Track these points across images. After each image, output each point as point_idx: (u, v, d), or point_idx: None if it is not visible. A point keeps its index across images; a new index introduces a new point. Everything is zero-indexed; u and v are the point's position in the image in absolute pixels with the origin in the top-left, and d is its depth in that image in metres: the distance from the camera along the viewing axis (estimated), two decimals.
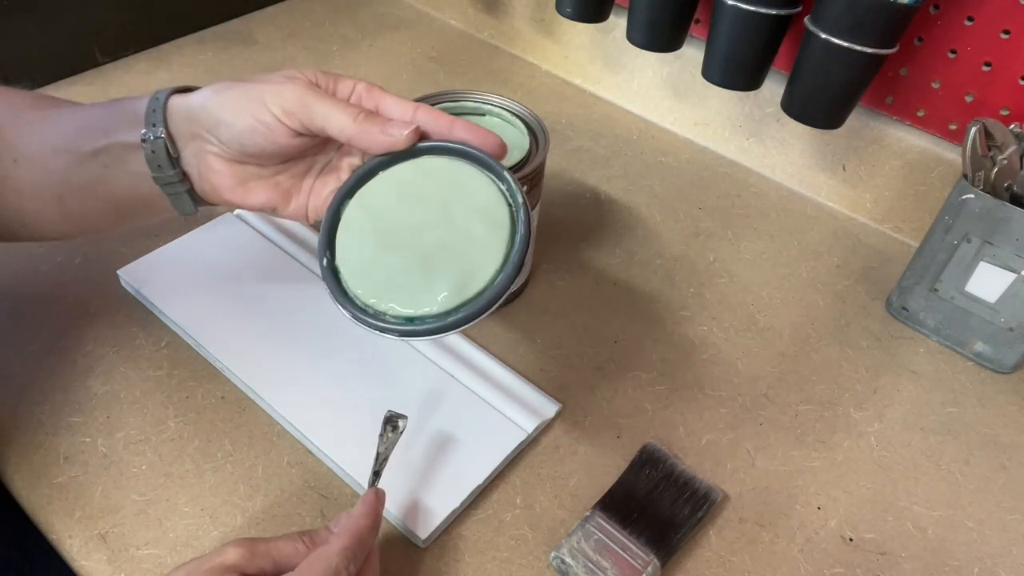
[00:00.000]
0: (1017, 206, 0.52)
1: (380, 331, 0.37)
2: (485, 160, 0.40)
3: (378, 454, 0.43)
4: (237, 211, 0.63)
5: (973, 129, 0.53)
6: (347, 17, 0.93)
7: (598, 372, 0.55)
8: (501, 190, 0.40)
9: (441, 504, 0.45)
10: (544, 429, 0.51)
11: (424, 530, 0.44)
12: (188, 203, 0.43)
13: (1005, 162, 0.53)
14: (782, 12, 0.59)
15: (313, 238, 0.61)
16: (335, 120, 0.39)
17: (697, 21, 0.72)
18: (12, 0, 0.70)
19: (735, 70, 0.65)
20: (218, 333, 0.53)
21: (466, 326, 0.37)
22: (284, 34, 0.88)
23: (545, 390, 0.53)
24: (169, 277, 0.57)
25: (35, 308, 0.55)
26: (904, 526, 0.48)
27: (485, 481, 0.47)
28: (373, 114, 0.40)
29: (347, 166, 0.44)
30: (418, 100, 0.55)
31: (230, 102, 0.40)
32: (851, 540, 0.47)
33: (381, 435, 0.43)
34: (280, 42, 0.87)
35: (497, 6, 0.88)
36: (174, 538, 0.44)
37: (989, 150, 0.53)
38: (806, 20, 0.58)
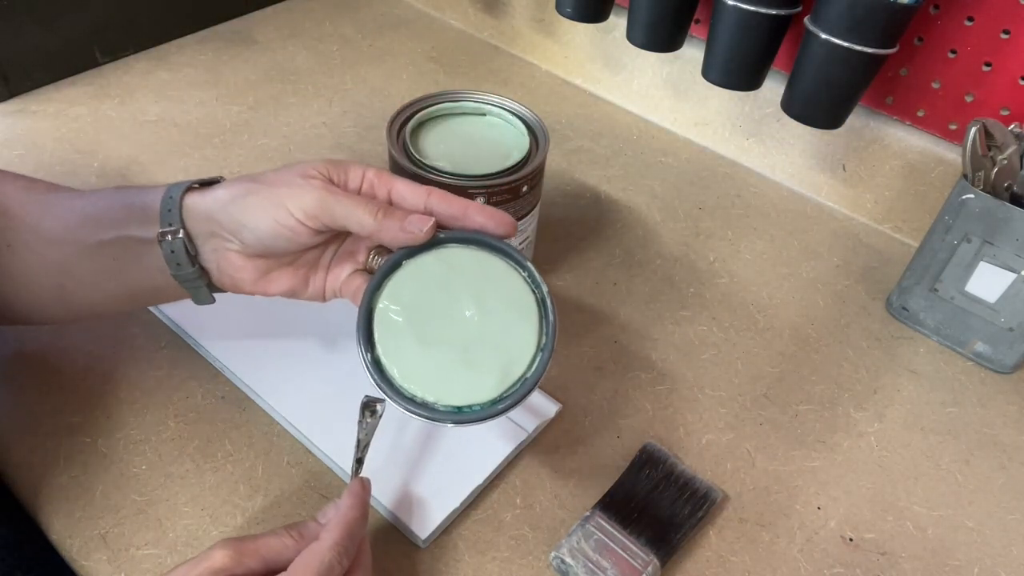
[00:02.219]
0: (1017, 206, 0.52)
1: (433, 421, 0.39)
2: (507, 250, 0.43)
3: (358, 441, 0.43)
4: None
5: (973, 129, 0.53)
6: (347, 17, 0.93)
7: (598, 372, 0.55)
8: (524, 278, 0.42)
9: (441, 504, 0.45)
10: (544, 429, 0.51)
11: (424, 530, 0.44)
12: (207, 295, 0.44)
13: (1005, 162, 0.53)
14: (782, 12, 0.59)
15: None
16: (356, 219, 0.40)
17: (697, 21, 0.72)
18: (12, 0, 0.70)
19: (735, 70, 0.65)
20: (218, 333, 0.53)
21: (512, 409, 0.39)
22: (284, 34, 0.88)
23: (545, 390, 0.53)
24: None
25: None
26: (904, 526, 0.48)
27: (485, 481, 0.47)
28: (392, 209, 0.41)
29: (364, 249, 0.45)
30: (418, 100, 0.55)
31: (252, 208, 0.41)
32: (851, 540, 0.47)
33: (360, 421, 0.43)
34: (280, 42, 0.87)
35: (497, 6, 0.88)
36: (174, 538, 0.44)
37: (989, 150, 0.53)
38: (806, 20, 0.58)
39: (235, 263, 0.42)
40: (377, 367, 0.40)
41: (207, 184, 0.43)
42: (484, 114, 0.56)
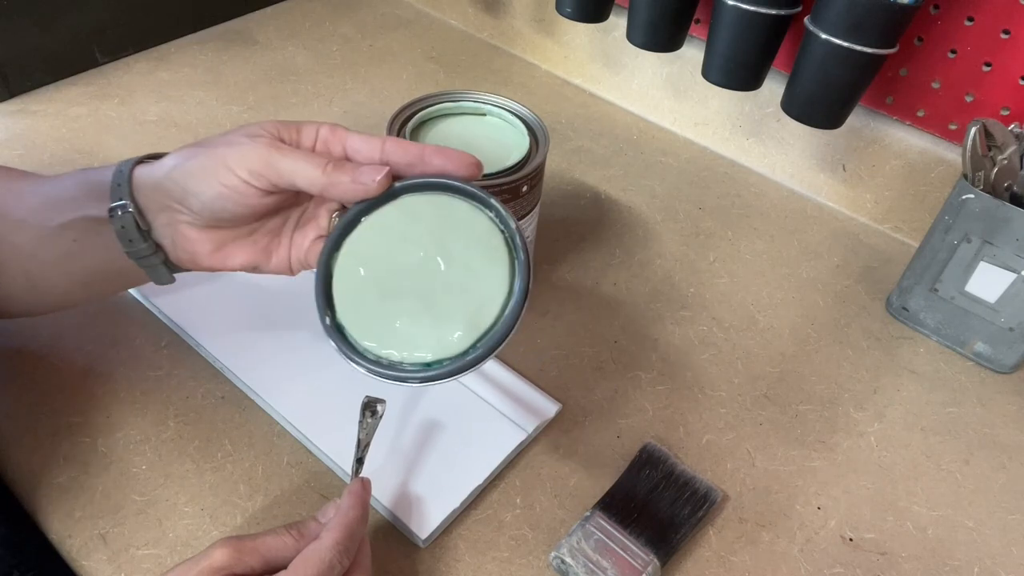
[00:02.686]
0: (1017, 206, 0.52)
1: (400, 381, 0.37)
2: (469, 191, 0.40)
3: (359, 441, 0.43)
4: None
5: (973, 129, 0.53)
6: (347, 17, 0.93)
7: (598, 372, 0.55)
8: (491, 218, 0.39)
9: (441, 504, 0.45)
10: (544, 429, 0.51)
11: (424, 530, 0.44)
12: (164, 274, 0.42)
13: (1005, 162, 0.53)
14: (782, 12, 0.59)
15: None
16: (303, 174, 0.38)
17: (697, 21, 0.72)
18: (12, 0, 0.70)
19: (735, 70, 0.65)
20: (218, 333, 0.53)
21: (485, 362, 0.37)
22: (284, 34, 0.88)
23: (545, 390, 0.53)
24: None
25: None
26: (904, 526, 0.48)
27: (485, 481, 0.47)
28: (341, 162, 0.39)
29: (325, 212, 0.43)
30: (418, 100, 0.55)
31: (195, 171, 0.39)
32: (851, 540, 0.47)
33: (360, 421, 0.43)
34: (280, 42, 0.87)
35: (497, 6, 0.88)
36: (174, 538, 0.44)
37: (989, 150, 0.53)
38: (806, 20, 0.58)
39: (189, 236, 0.40)
40: (337, 330, 0.37)
41: (158, 157, 0.41)
42: (484, 114, 0.56)
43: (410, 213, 0.39)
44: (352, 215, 0.40)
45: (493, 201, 0.39)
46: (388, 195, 0.39)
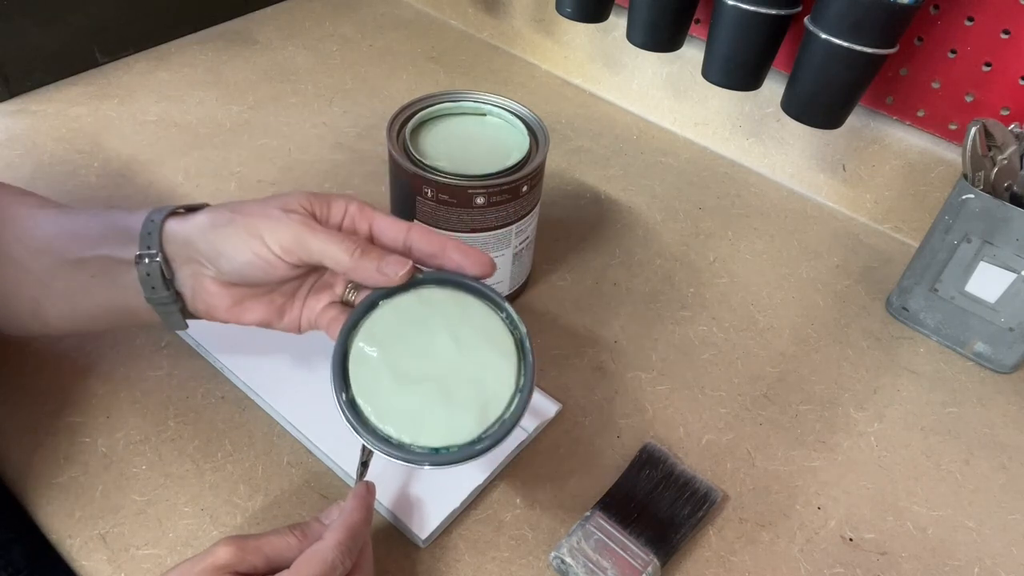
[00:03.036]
0: (1017, 206, 0.52)
1: (409, 463, 0.38)
2: (485, 292, 0.42)
3: (364, 446, 0.43)
4: None
5: (973, 129, 0.53)
6: (347, 17, 0.93)
7: (598, 372, 0.55)
8: (503, 319, 0.42)
9: (441, 504, 0.45)
10: (544, 429, 0.51)
11: (424, 530, 0.44)
12: (179, 321, 0.43)
13: (1005, 162, 0.53)
14: (782, 12, 0.59)
15: None
16: (332, 256, 0.40)
17: (697, 21, 0.72)
18: (12, 0, 0.70)
19: (735, 70, 0.65)
20: (217, 333, 0.53)
21: (490, 451, 0.39)
22: (284, 34, 0.88)
23: (545, 390, 0.53)
24: None
25: None
26: (904, 526, 0.48)
27: (485, 481, 0.47)
28: (369, 248, 0.40)
29: (341, 282, 0.44)
30: (418, 100, 0.55)
31: (230, 236, 0.40)
32: (851, 540, 0.47)
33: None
34: (280, 42, 0.87)
35: (497, 6, 0.88)
36: (174, 538, 0.44)
37: (989, 150, 0.53)
38: (806, 20, 0.58)
39: (210, 290, 0.42)
40: (352, 407, 0.39)
41: (191, 210, 0.43)
42: (484, 114, 0.56)
43: (428, 303, 0.42)
44: (372, 299, 0.41)
45: (506, 305, 0.42)
46: (409, 284, 0.41)
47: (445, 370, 0.40)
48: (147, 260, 0.40)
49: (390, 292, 0.42)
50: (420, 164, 0.51)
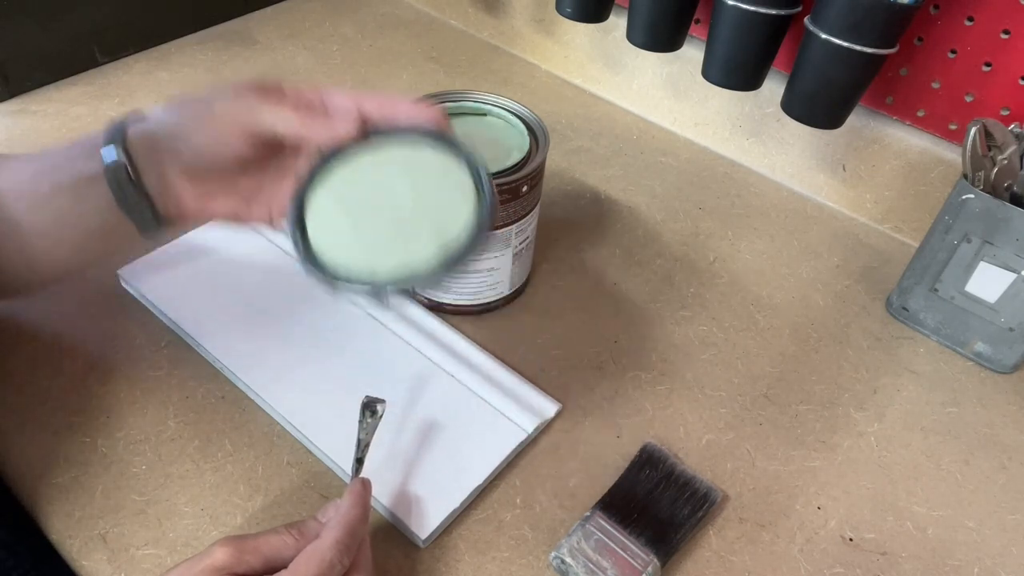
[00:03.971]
0: (1017, 206, 0.52)
1: (373, 294, 0.39)
2: (438, 135, 0.42)
3: (359, 441, 0.43)
4: None
5: (973, 129, 0.53)
6: (347, 17, 0.93)
7: (598, 372, 0.55)
8: (459, 162, 0.42)
9: (441, 504, 0.45)
10: (544, 429, 0.51)
11: (424, 530, 0.44)
12: (152, 224, 0.44)
13: (1005, 162, 0.53)
14: (782, 12, 0.59)
15: None
16: (282, 120, 0.40)
17: (697, 21, 0.72)
18: (12, 0, 0.70)
19: (735, 70, 0.65)
20: (218, 333, 0.53)
21: (448, 275, 0.39)
22: (284, 34, 0.88)
23: (545, 390, 0.53)
24: (169, 277, 0.57)
25: (35, 308, 0.55)
26: (904, 526, 0.48)
27: (485, 481, 0.47)
28: (318, 110, 0.42)
29: (305, 164, 0.44)
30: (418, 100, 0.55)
31: (185, 119, 0.42)
32: (851, 540, 0.47)
33: (360, 421, 0.43)
34: (280, 42, 0.87)
35: (497, 6, 0.88)
36: (174, 538, 0.44)
37: (989, 150, 0.53)
38: (806, 20, 0.58)
39: (176, 183, 0.43)
40: (310, 255, 0.40)
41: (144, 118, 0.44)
42: (484, 114, 0.56)
43: (383, 153, 0.42)
44: (327, 154, 0.42)
45: (462, 145, 0.42)
46: (363, 143, 0.42)
47: (403, 212, 0.41)
48: (111, 162, 0.41)
49: (345, 151, 0.42)
50: None
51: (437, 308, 0.57)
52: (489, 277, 0.55)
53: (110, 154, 0.41)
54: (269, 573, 0.36)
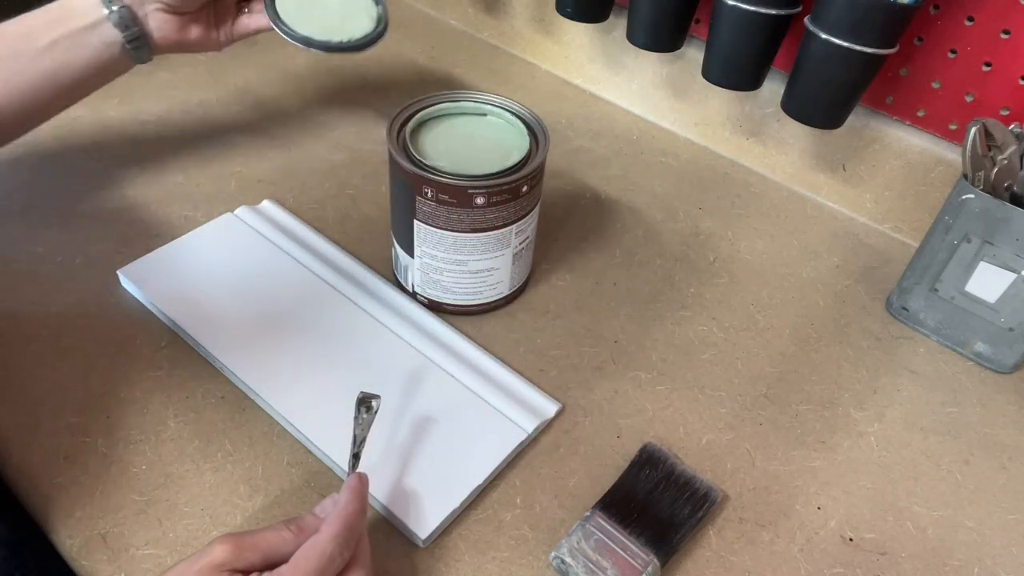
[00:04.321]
0: (1017, 206, 0.52)
1: (330, 50, 0.60)
2: None
3: (355, 436, 0.43)
4: (237, 211, 0.63)
5: (973, 129, 0.53)
6: None
7: (598, 372, 0.55)
8: None
9: (441, 504, 0.45)
10: (544, 429, 0.51)
11: (424, 530, 0.44)
12: (147, 54, 0.57)
13: (1005, 162, 0.53)
14: (782, 12, 0.59)
15: (311, 237, 0.61)
16: None
17: (697, 21, 0.72)
18: (11, 0, 0.70)
19: (735, 70, 0.65)
20: (218, 333, 0.53)
21: (378, 41, 0.62)
22: None
23: (545, 390, 0.53)
24: (169, 277, 0.57)
25: (35, 308, 0.55)
26: (904, 526, 0.48)
27: (485, 481, 0.47)
28: None
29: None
30: (418, 100, 0.55)
31: None
32: (851, 540, 0.47)
33: (356, 417, 0.43)
34: (280, 42, 0.87)
35: (497, 6, 0.88)
36: (174, 538, 0.44)
37: (989, 150, 0.53)
38: (806, 20, 0.58)
39: (161, 19, 0.56)
40: (282, 21, 0.60)
41: None
42: (484, 114, 0.56)
43: None
44: None
45: None
46: None
47: (341, 8, 0.62)
48: (116, 8, 0.53)
49: None
50: (420, 164, 0.51)
51: (437, 308, 0.57)
52: (489, 277, 0.55)
53: (110, 5, 0.53)
54: (269, 569, 0.36)
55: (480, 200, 0.50)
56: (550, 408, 0.51)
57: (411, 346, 0.54)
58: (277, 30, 0.59)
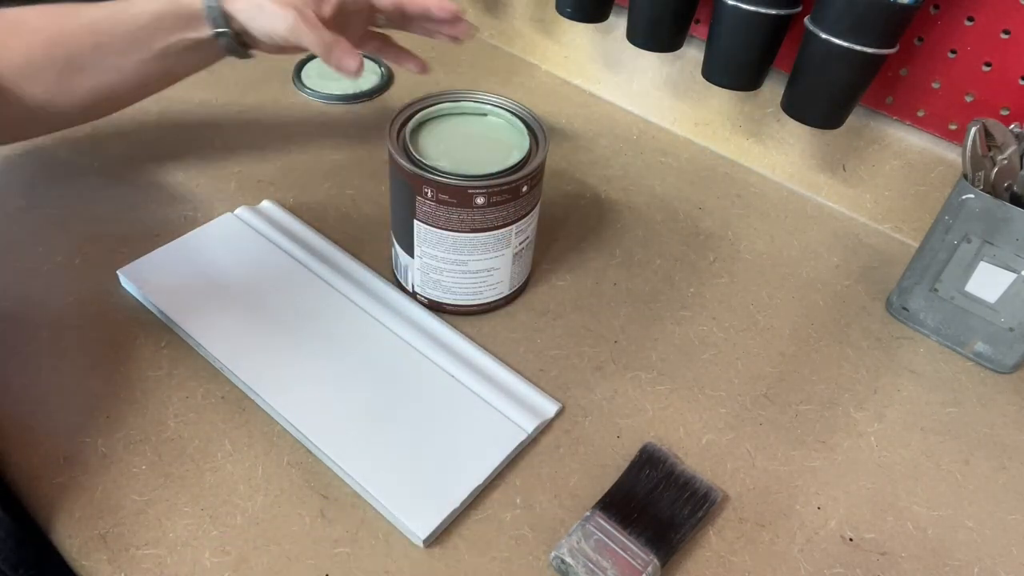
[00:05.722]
0: (1017, 206, 0.52)
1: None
2: None
3: None
4: (237, 211, 0.63)
5: (973, 129, 0.53)
6: None
7: (598, 372, 0.55)
8: None
9: (441, 504, 0.45)
10: (544, 429, 0.51)
11: (424, 530, 0.44)
12: (246, 55, 0.60)
13: (1005, 162, 0.53)
14: (782, 12, 0.59)
15: (311, 237, 0.61)
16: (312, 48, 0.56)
17: (697, 21, 0.72)
18: (11, 1, 0.70)
19: (735, 70, 0.65)
20: (218, 333, 0.53)
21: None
22: None
23: (545, 390, 0.53)
24: (169, 277, 0.57)
25: (35, 308, 0.55)
26: (904, 526, 0.48)
27: (485, 481, 0.47)
28: (335, 43, 0.55)
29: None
30: (418, 100, 0.55)
31: (255, 24, 0.56)
32: (851, 540, 0.47)
33: None
34: None
35: (497, 6, 0.88)
36: (174, 538, 0.44)
37: (989, 150, 0.53)
38: (806, 20, 0.58)
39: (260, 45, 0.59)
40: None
41: None
42: (484, 114, 0.56)
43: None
44: None
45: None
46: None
47: None
48: (221, 35, 0.57)
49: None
50: (420, 164, 0.51)
51: (437, 308, 0.57)
52: (489, 277, 0.55)
53: (216, 29, 0.56)
54: None
55: (480, 200, 0.50)
56: (550, 408, 0.51)
57: (411, 346, 0.54)
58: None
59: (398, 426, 0.49)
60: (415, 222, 0.52)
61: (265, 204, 0.64)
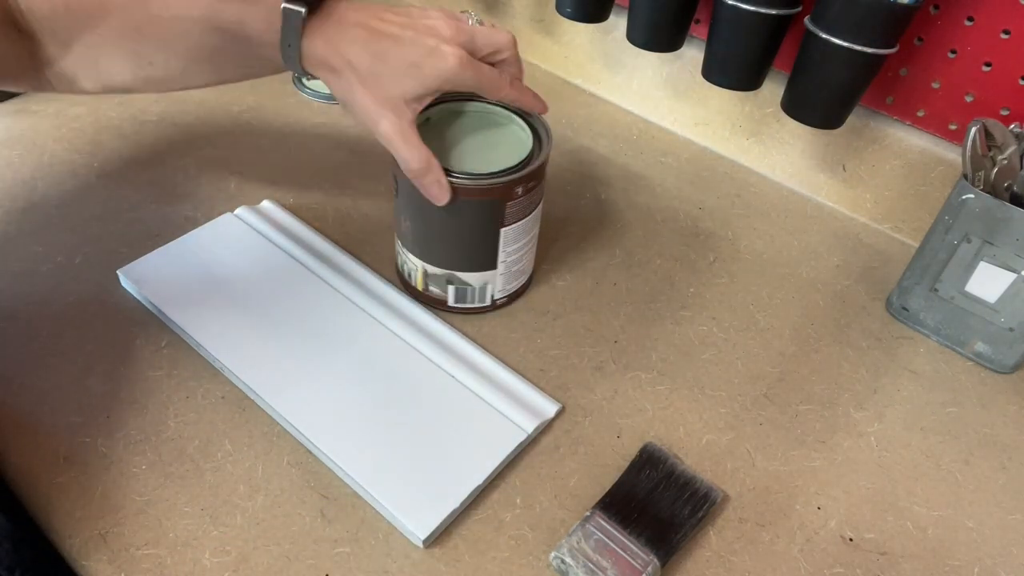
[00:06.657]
0: (1017, 206, 0.52)
1: None
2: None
3: None
4: (237, 211, 0.63)
5: (973, 129, 0.53)
6: None
7: (598, 372, 0.55)
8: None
9: (441, 504, 0.45)
10: (544, 429, 0.51)
11: (424, 530, 0.44)
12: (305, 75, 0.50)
13: (1005, 162, 0.53)
14: (782, 12, 0.59)
15: (311, 237, 0.61)
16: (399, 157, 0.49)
17: (697, 21, 0.72)
18: None
19: (735, 70, 0.65)
20: (218, 333, 0.53)
21: None
22: None
23: (545, 390, 0.53)
24: (169, 277, 0.57)
25: (35, 308, 0.55)
26: (904, 526, 0.48)
27: (485, 481, 0.47)
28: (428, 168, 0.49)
29: None
30: None
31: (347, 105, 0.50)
32: (851, 540, 0.47)
33: None
34: None
35: (497, 6, 0.88)
36: (174, 538, 0.44)
37: (989, 150, 0.53)
38: (806, 20, 0.58)
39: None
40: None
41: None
42: (486, 114, 0.56)
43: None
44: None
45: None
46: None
47: None
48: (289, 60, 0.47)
49: None
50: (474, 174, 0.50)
51: (437, 308, 0.57)
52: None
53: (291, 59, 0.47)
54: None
55: (519, 190, 0.50)
56: (550, 408, 0.51)
57: (411, 346, 0.54)
58: None
59: (398, 426, 0.49)
60: (502, 231, 0.52)
61: (265, 204, 0.64)
